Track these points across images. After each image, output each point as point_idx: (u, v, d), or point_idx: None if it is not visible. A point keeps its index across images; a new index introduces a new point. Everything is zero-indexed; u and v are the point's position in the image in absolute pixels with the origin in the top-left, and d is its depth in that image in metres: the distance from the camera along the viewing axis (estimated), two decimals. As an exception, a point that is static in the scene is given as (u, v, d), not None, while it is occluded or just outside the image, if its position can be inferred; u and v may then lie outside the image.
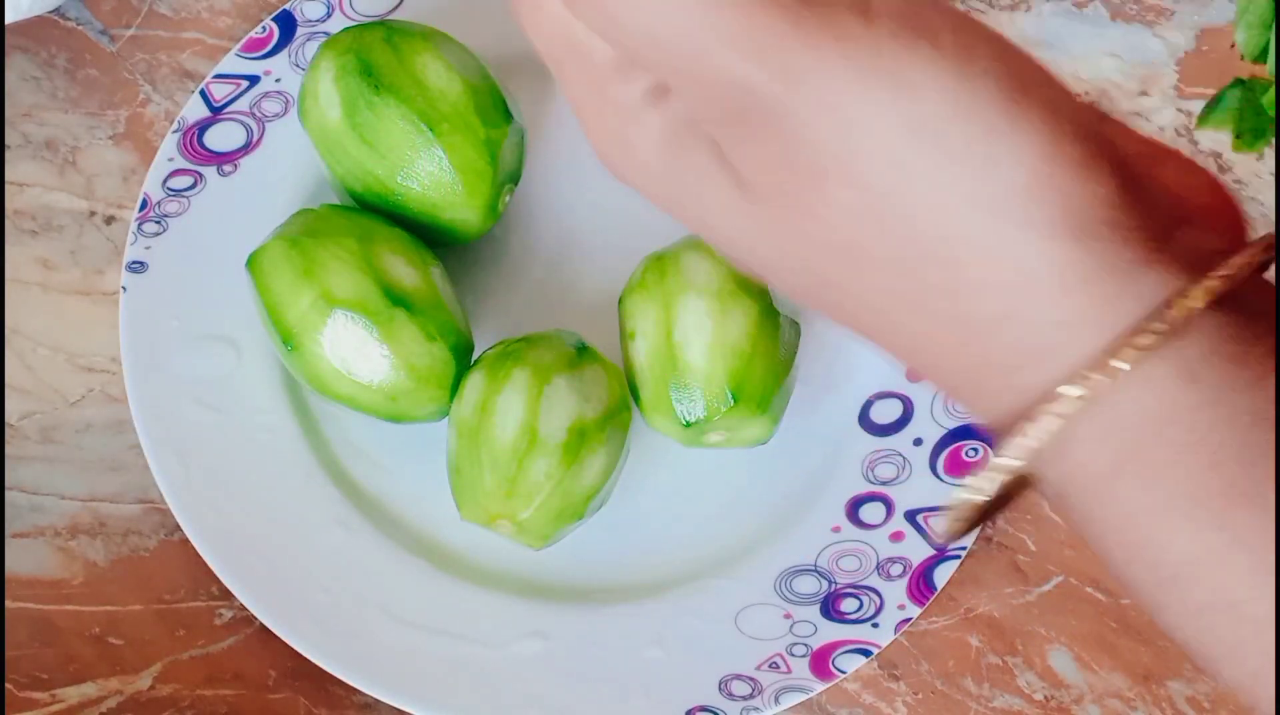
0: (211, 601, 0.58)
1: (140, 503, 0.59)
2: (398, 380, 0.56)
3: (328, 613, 0.56)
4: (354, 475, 0.59)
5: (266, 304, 0.56)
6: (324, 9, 0.65)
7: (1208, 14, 0.69)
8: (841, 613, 0.57)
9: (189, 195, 0.61)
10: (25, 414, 0.60)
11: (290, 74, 0.64)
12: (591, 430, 0.55)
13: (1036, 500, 0.61)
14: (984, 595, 0.59)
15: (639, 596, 0.58)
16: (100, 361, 0.61)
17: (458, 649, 0.56)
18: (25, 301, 0.62)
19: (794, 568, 0.58)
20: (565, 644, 0.57)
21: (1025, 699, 0.58)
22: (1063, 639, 0.59)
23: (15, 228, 0.63)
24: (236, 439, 0.58)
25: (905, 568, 0.58)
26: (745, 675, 0.56)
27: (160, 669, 0.57)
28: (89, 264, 0.62)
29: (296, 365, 0.56)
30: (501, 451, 0.54)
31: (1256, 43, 0.55)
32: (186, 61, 0.66)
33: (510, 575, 0.58)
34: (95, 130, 0.64)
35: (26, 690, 0.56)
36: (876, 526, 0.59)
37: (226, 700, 0.57)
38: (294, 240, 0.56)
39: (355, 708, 0.57)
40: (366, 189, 0.59)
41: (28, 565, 0.58)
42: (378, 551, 0.58)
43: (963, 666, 0.58)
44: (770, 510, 0.60)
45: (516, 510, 0.54)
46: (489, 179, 0.58)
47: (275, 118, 0.63)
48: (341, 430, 0.60)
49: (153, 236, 0.61)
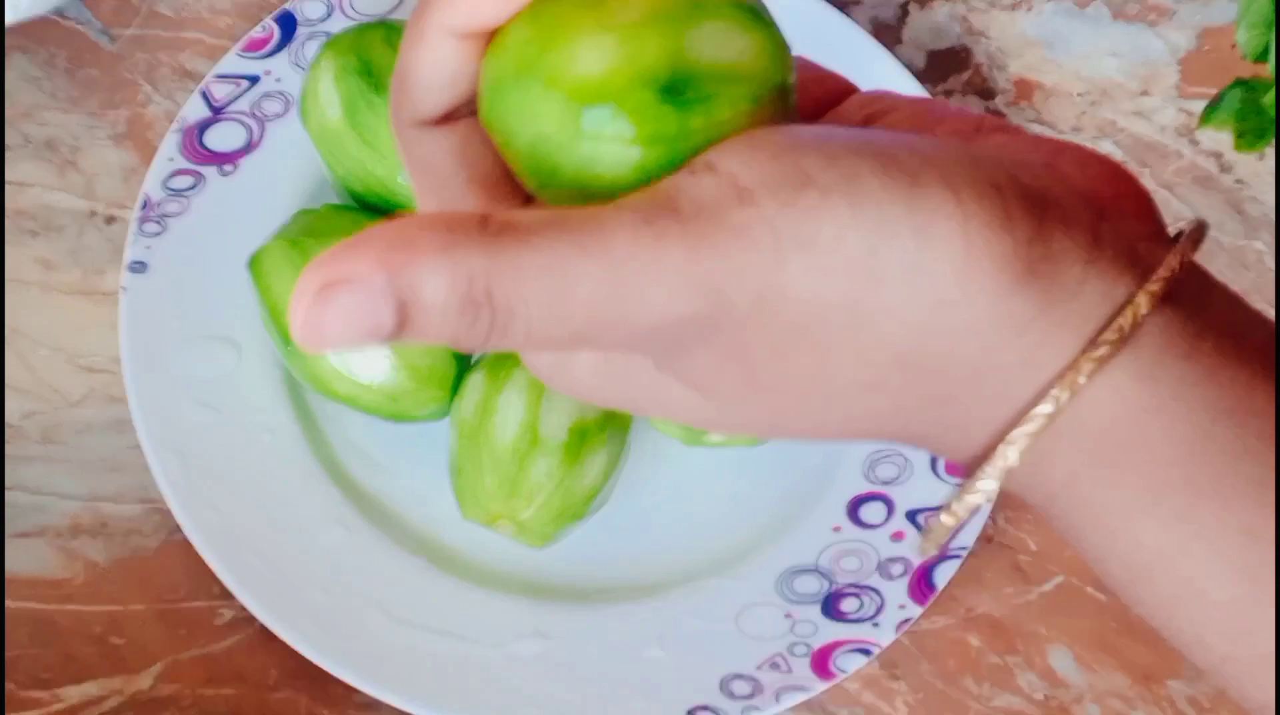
0: (212, 601, 0.58)
1: (141, 503, 0.59)
2: (398, 380, 0.56)
3: (328, 613, 0.56)
4: (354, 475, 0.59)
5: (267, 304, 0.56)
6: (324, 9, 0.65)
7: (1209, 14, 0.69)
8: (842, 612, 0.57)
9: (189, 195, 0.61)
10: (25, 414, 0.60)
11: (291, 74, 0.63)
12: (592, 430, 0.55)
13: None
14: (984, 595, 0.59)
15: (639, 596, 0.58)
16: (100, 361, 0.61)
17: (458, 649, 0.56)
18: (25, 301, 0.62)
19: (795, 567, 0.58)
20: (565, 644, 0.57)
21: (1025, 699, 0.58)
22: (1063, 639, 0.59)
23: (15, 228, 0.63)
24: (236, 439, 0.58)
25: (906, 567, 0.58)
26: (746, 675, 0.56)
27: (161, 669, 0.57)
28: (89, 264, 0.62)
29: (296, 365, 0.56)
30: (503, 451, 0.54)
31: (1258, 43, 0.55)
32: (186, 61, 0.66)
33: (510, 575, 0.58)
34: (95, 130, 0.64)
35: (27, 690, 0.56)
36: (877, 526, 0.59)
37: (227, 700, 0.57)
38: (295, 241, 0.56)
39: (355, 708, 0.57)
40: (367, 189, 0.59)
41: (29, 565, 0.58)
42: (378, 551, 0.58)
43: (963, 666, 0.58)
44: (771, 510, 0.60)
45: (518, 510, 0.54)
46: (489, 179, 0.58)
47: (275, 118, 0.63)
48: (341, 430, 0.60)
49: (153, 236, 0.61)
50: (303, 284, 0.29)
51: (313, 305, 0.28)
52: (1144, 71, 0.68)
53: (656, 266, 0.30)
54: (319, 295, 0.28)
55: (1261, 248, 0.65)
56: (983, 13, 0.69)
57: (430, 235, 0.29)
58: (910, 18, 0.69)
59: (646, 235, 0.30)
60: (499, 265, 0.29)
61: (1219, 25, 0.69)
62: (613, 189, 0.32)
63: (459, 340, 0.29)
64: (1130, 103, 0.68)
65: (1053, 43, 0.68)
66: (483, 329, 0.29)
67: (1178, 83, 0.68)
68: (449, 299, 0.29)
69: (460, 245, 0.29)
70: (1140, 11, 0.69)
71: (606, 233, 0.30)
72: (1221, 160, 0.67)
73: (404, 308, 0.29)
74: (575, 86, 0.31)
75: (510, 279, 0.29)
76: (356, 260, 0.29)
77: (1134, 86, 0.68)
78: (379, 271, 0.28)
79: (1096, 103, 0.67)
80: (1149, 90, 0.68)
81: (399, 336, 0.29)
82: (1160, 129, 0.67)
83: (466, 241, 0.29)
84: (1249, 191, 0.66)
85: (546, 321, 0.29)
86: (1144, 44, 0.68)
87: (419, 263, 0.29)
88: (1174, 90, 0.68)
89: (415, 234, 0.29)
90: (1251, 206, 0.66)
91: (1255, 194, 0.66)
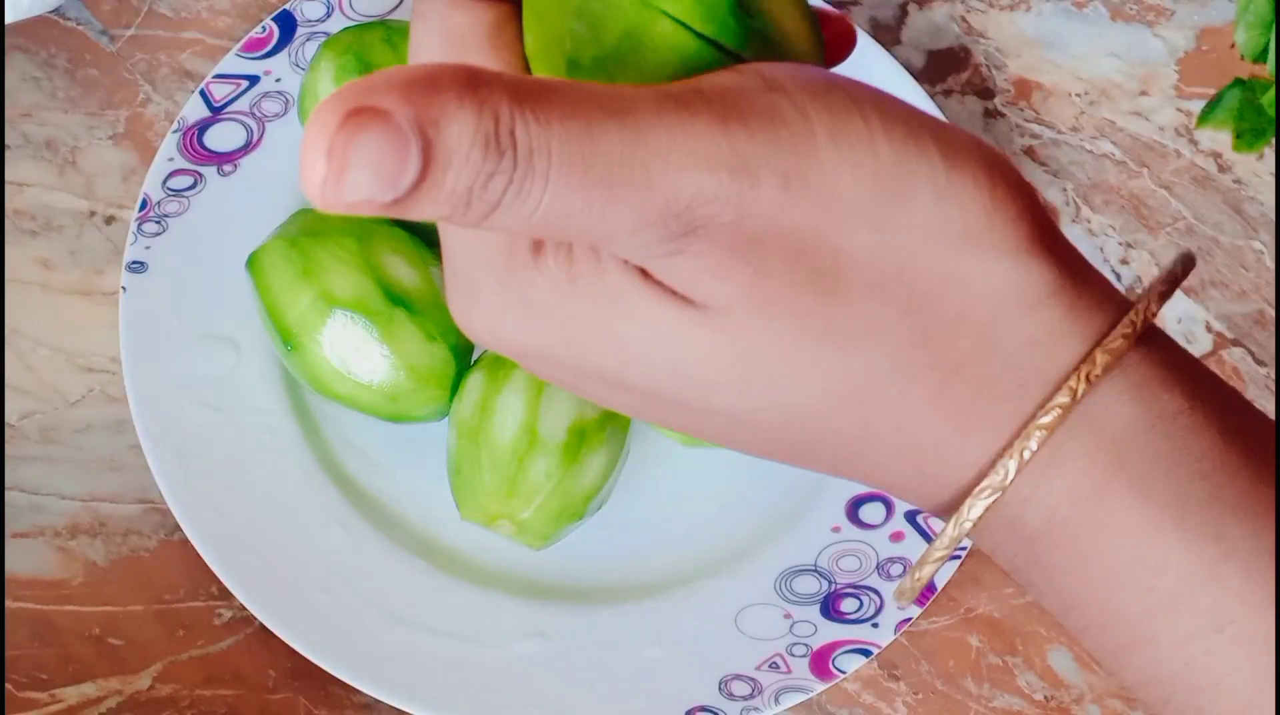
0: (211, 601, 0.58)
1: (140, 503, 0.59)
2: (398, 380, 0.56)
3: (328, 613, 0.56)
4: (354, 475, 0.59)
5: (266, 304, 0.56)
6: (324, 9, 0.65)
7: (1208, 14, 0.69)
8: (841, 613, 0.57)
9: (189, 195, 0.61)
10: (25, 414, 0.60)
11: (290, 74, 0.64)
12: (591, 430, 0.55)
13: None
14: (984, 595, 0.59)
15: (639, 596, 0.58)
16: (100, 361, 0.61)
17: (458, 649, 0.56)
18: (25, 301, 0.62)
19: (794, 568, 0.58)
20: (565, 644, 0.57)
21: (1025, 699, 0.58)
22: (1063, 639, 0.59)
23: (15, 228, 0.63)
24: (236, 439, 0.58)
25: (905, 567, 0.58)
26: (745, 675, 0.56)
27: (160, 669, 0.57)
28: (89, 264, 0.62)
29: (296, 365, 0.56)
30: (502, 451, 0.54)
31: (1256, 43, 0.55)
32: (186, 61, 0.66)
33: (510, 575, 0.58)
34: (95, 130, 0.64)
35: (26, 690, 0.56)
36: (876, 526, 0.59)
37: (226, 700, 0.57)
38: (294, 240, 0.56)
39: (355, 708, 0.57)
40: (366, 189, 0.58)
41: (28, 565, 0.58)
42: (378, 551, 0.58)
43: (963, 666, 0.58)
44: (770, 510, 0.60)
45: (516, 510, 0.54)
46: (489, 179, 0.58)
47: (275, 118, 0.63)
48: (341, 430, 0.60)
49: (153, 236, 0.61)
50: (319, 121, 0.26)
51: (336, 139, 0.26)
52: (1142, 71, 0.68)
53: (681, 133, 0.28)
54: (341, 130, 0.26)
55: (1260, 248, 0.65)
56: (981, 13, 0.69)
57: (456, 75, 0.27)
58: (909, 18, 0.69)
59: (672, 106, 0.28)
60: (525, 111, 0.27)
61: (1217, 25, 0.69)
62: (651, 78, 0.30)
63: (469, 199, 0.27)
64: (1129, 103, 0.68)
65: (1051, 43, 0.68)
66: (501, 182, 0.27)
67: (1176, 83, 0.68)
68: (474, 137, 0.26)
69: (488, 87, 0.27)
70: (1139, 12, 0.69)
71: (635, 104, 0.28)
72: (1220, 160, 0.67)
73: (428, 148, 0.26)
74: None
75: (535, 123, 0.27)
76: (379, 91, 0.26)
77: (1132, 86, 0.68)
78: (404, 104, 0.26)
79: (1095, 103, 0.68)
80: (1147, 90, 0.68)
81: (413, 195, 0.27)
82: (1159, 129, 0.67)
83: (494, 86, 0.27)
84: (1248, 191, 0.66)
85: (566, 181, 0.27)
86: (1142, 44, 0.69)
87: (445, 98, 0.26)
88: (1172, 90, 0.68)
89: (440, 72, 0.27)
90: (1250, 206, 0.66)
91: (1254, 194, 0.66)
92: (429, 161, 0.26)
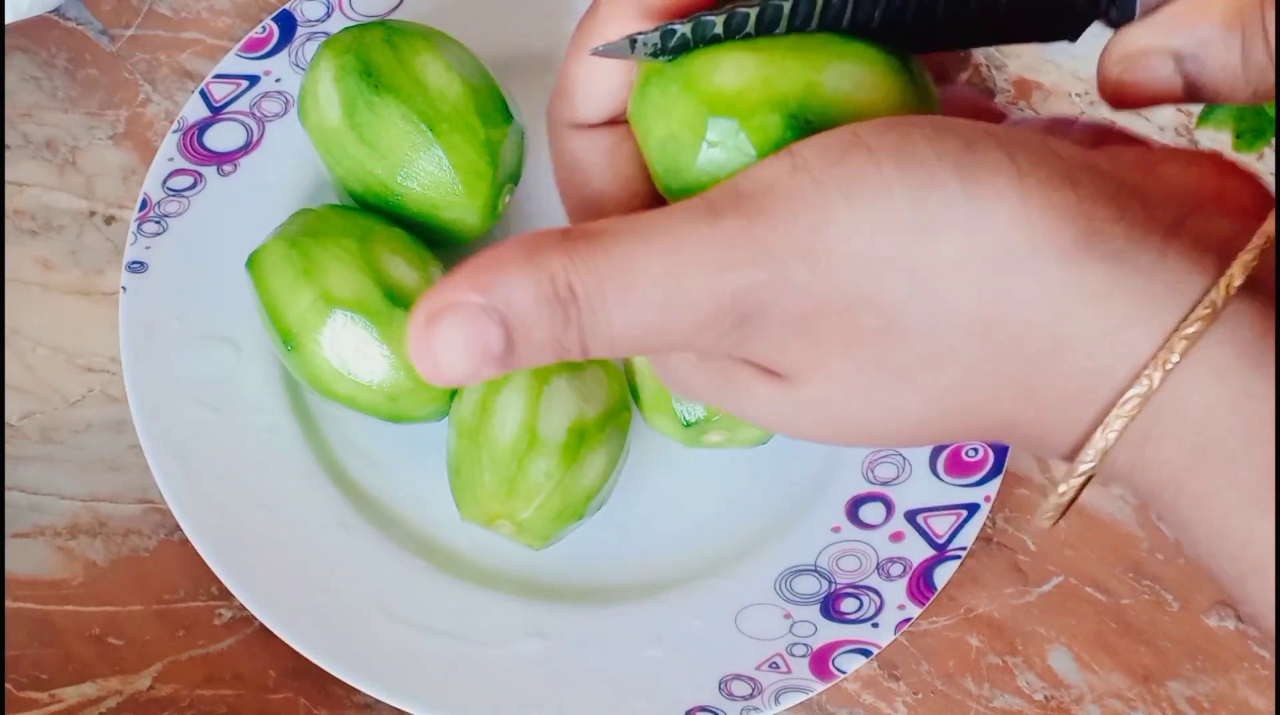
0: (211, 601, 0.58)
1: (140, 503, 0.59)
2: (398, 380, 0.56)
3: (328, 613, 0.56)
4: (354, 475, 0.59)
5: (266, 304, 0.56)
6: (324, 9, 0.65)
7: (1208, 14, 0.69)
8: (841, 613, 0.57)
9: (189, 195, 0.61)
10: (25, 414, 0.60)
11: (290, 74, 0.63)
12: (591, 430, 0.55)
13: (1036, 501, 0.61)
14: (984, 595, 0.59)
15: (639, 596, 0.58)
16: (100, 361, 0.61)
17: (458, 649, 0.56)
18: (25, 301, 0.62)
19: (794, 568, 0.58)
20: (565, 644, 0.57)
21: (1025, 699, 0.58)
22: (1063, 639, 0.59)
23: (15, 228, 0.63)
24: (236, 439, 0.58)
25: (905, 568, 0.58)
26: (745, 675, 0.56)
27: (160, 669, 0.57)
28: (89, 264, 0.62)
29: (296, 365, 0.56)
30: (501, 451, 0.54)
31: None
32: (186, 61, 0.66)
33: (510, 575, 0.58)
34: (95, 130, 0.64)
35: (26, 690, 0.56)
36: (876, 526, 0.59)
37: (226, 700, 0.57)
38: (294, 240, 0.56)
39: (355, 708, 0.57)
40: (366, 189, 0.59)
41: (28, 565, 0.58)
42: (378, 551, 0.58)
43: (963, 666, 0.58)
44: (770, 510, 0.60)
45: (516, 510, 0.54)
46: (489, 179, 0.58)
47: (275, 118, 0.63)
48: (341, 430, 0.60)
49: (153, 236, 0.61)
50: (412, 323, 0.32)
51: (422, 338, 0.31)
52: (1143, 72, 0.68)
53: (712, 244, 0.31)
54: (425, 329, 0.31)
55: (1260, 248, 0.65)
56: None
57: (514, 251, 0.31)
58: (909, 18, 0.69)
59: (707, 217, 0.31)
60: (575, 263, 0.31)
61: (1218, 26, 0.69)
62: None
63: (559, 344, 0.32)
64: (1129, 103, 0.68)
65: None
66: (575, 329, 0.32)
67: (1176, 83, 0.68)
68: (538, 299, 0.31)
69: (542, 252, 0.31)
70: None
71: (673, 223, 0.31)
72: (1220, 161, 0.67)
73: (505, 321, 0.31)
74: (709, 94, 0.34)
75: (586, 272, 0.31)
76: (451, 288, 0.31)
77: (1133, 87, 0.68)
78: (472, 292, 0.31)
79: (1095, 102, 0.68)
80: (1148, 91, 0.68)
81: (511, 354, 0.32)
82: (1159, 129, 0.67)
83: (547, 249, 0.31)
84: (1248, 192, 0.66)
85: (624, 306, 0.31)
86: (1143, 44, 0.68)
87: (506, 275, 0.31)
88: (1173, 91, 0.68)
89: (500, 253, 0.32)
90: (1250, 207, 0.66)
91: (1254, 194, 0.66)
92: (510, 329, 0.31)
